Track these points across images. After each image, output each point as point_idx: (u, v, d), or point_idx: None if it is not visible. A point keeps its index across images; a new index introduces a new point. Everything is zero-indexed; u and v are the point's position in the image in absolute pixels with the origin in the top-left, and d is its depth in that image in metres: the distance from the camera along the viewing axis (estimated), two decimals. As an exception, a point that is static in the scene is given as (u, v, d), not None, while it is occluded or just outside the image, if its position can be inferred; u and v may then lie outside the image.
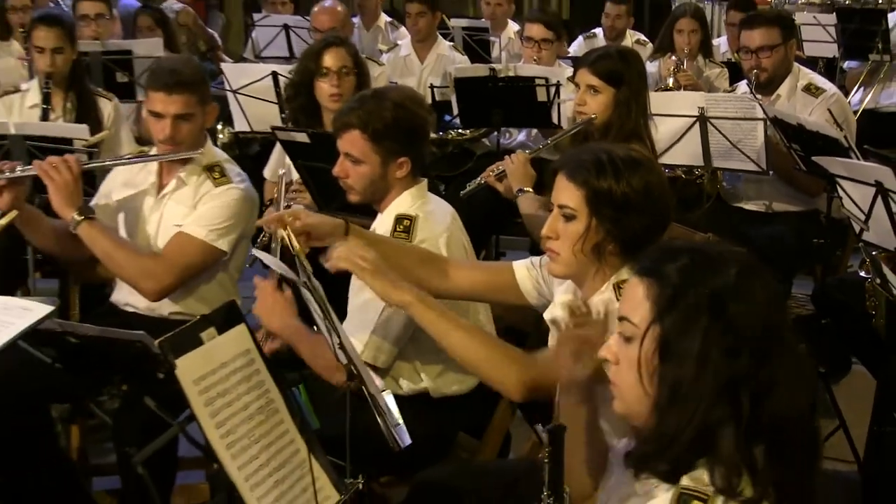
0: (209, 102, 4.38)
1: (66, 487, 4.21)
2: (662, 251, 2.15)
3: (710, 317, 1.99)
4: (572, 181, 3.03)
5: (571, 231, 3.03)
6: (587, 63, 4.86)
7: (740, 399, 1.96)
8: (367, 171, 3.69)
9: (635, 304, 2.09)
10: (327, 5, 7.86)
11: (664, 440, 2.01)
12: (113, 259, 4.20)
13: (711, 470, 1.96)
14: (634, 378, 2.09)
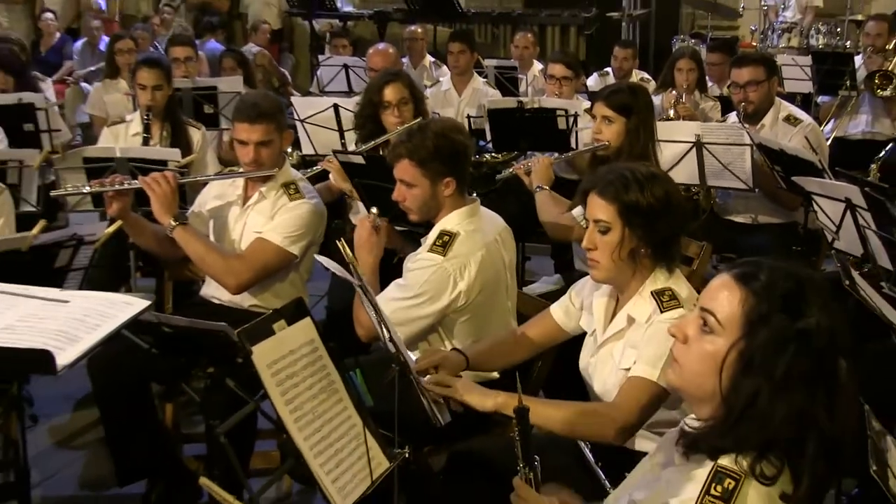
0: (285, 129, 4.40)
1: (162, 452, 4.22)
2: (755, 263, 2.07)
3: (797, 346, 1.93)
4: (603, 198, 3.02)
5: (608, 241, 3.02)
6: (602, 97, 4.87)
7: (814, 420, 1.92)
8: (419, 193, 3.67)
9: (725, 305, 2.02)
10: (381, 48, 7.86)
11: (735, 441, 1.96)
12: (202, 258, 4.22)
13: (758, 459, 1.93)
14: (703, 368, 2.04)
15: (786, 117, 5.75)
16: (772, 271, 2.01)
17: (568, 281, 4.82)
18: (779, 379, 1.92)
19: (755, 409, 1.94)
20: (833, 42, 10.84)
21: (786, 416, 1.91)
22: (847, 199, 4.33)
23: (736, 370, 1.97)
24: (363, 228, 3.78)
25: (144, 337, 3.38)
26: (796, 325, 1.93)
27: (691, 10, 12.86)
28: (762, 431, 1.93)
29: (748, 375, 1.95)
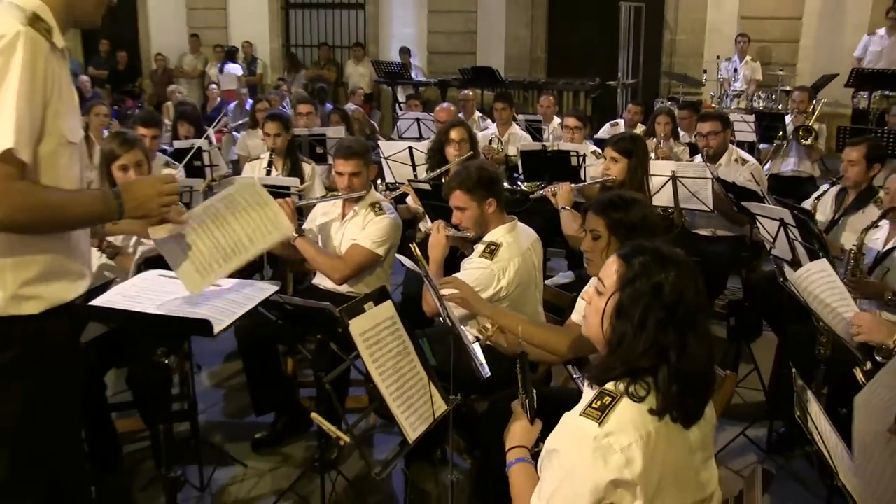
0: (371, 164, 4.40)
1: (285, 393, 4.28)
2: (636, 246, 2.12)
3: (651, 297, 1.98)
4: (597, 215, 3.10)
5: (599, 245, 3.09)
6: (611, 143, 4.96)
7: (666, 354, 1.96)
8: (470, 214, 3.68)
9: (609, 274, 2.10)
10: (444, 106, 7.92)
11: (608, 368, 2.02)
12: (314, 259, 4.26)
13: (627, 384, 1.98)
14: (595, 320, 2.11)
15: (736, 158, 5.70)
16: (643, 250, 2.08)
17: (578, 276, 4.85)
18: (637, 322, 1.98)
19: (622, 345, 2.00)
20: (770, 105, 10.77)
21: (643, 351, 1.96)
22: (781, 219, 4.32)
23: (612, 317, 2.04)
24: (436, 235, 3.77)
25: (273, 312, 3.41)
26: (651, 282, 1.99)
27: (668, 80, 12.77)
28: (627, 362, 1.98)
29: (619, 320, 2.02)
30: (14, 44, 2.01)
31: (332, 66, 14.65)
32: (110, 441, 3.82)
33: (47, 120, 2.11)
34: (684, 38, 12.99)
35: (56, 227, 2.21)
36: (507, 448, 2.32)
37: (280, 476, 3.95)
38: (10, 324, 2.17)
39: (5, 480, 2.29)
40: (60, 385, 2.31)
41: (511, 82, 12.62)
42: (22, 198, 2.05)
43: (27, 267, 2.19)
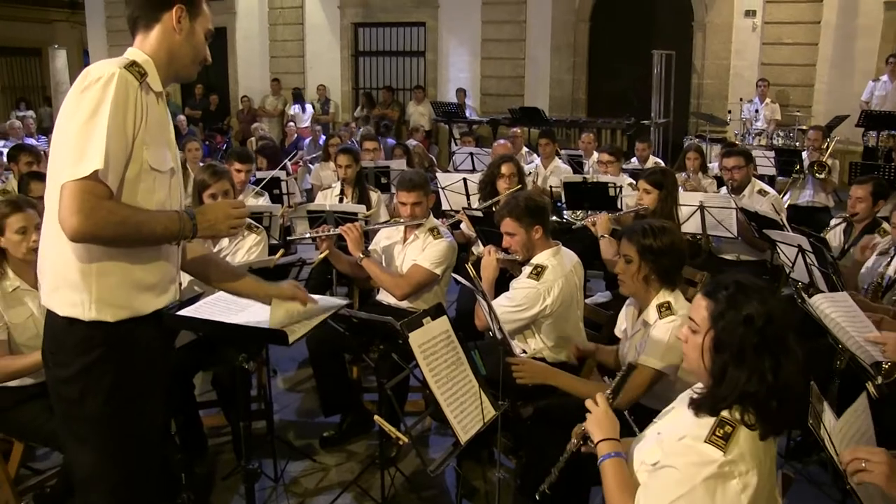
0: (430, 194, 4.38)
1: (350, 397, 4.27)
2: (716, 281, 2.07)
3: (744, 327, 1.93)
4: (629, 241, 3.06)
5: (631, 269, 3.05)
6: (644, 176, 4.92)
7: (764, 377, 1.91)
8: (519, 239, 3.65)
9: (699, 312, 2.05)
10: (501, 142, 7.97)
11: (720, 398, 1.97)
12: (378, 277, 4.24)
13: (741, 412, 1.94)
14: (695, 355, 2.05)
15: (759, 190, 5.59)
16: (724, 284, 2.03)
17: (615, 296, 4.78)
18: (736, 353, 1.94)
19: (726, 376, 1.95)
20: (788, 142, 10.58)
21: (747, 378, 1.92)
22: (799, 246, 4.25)
23: (711, 352, 2.00)
24: (488, 258, 3.74)
25: (341, 324, 3.41)
26: (741, 314, 1.94)
27: (696, 120, 12.62)
28: (734, 390, 1.93)
29: (718, 353, 1.98)
30: (109, 82, 2.08)
31: (395, 106, 14.75)
32: (198, 435, 3.86)
33: (134, 148, 2.16)
34: (710, 82, 12.86)
35: (138, 241, 2.23)
36: (597, 440, 2.24)
37: (345, 470, 3.93)
38: (94, 327, 2.20)
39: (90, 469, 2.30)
40: (142, 386, 2.32)
41: (555, 121, 12.59)
42: (108, 214, 2.08)
43: (111, 277, 2.20)
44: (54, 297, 2.23)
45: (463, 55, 14.59)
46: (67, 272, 2.19)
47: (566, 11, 13.54)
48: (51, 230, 2.21)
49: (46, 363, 2.32)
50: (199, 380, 4.11)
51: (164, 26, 2.29)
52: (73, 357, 2.21)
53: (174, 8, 2.28)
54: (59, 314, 2.21)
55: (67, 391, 2.25)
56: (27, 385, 3.21)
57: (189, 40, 2.33)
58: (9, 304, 3.20)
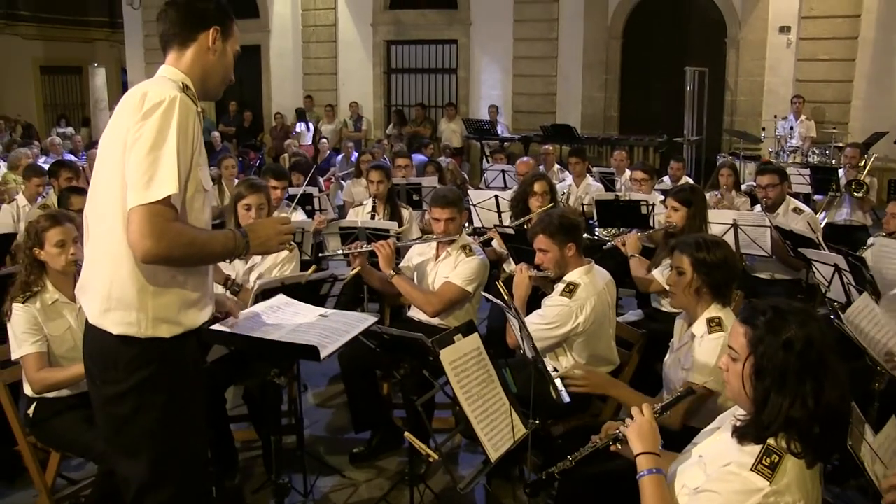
0: (463, 211, 4.39)
1: (381, 413, 4.26)
2: (752, 307, 2.05)
3: (784, 352, 1.91)
4: (683, 253, 3.08)
5: (683, 281, 3.06)
6: (672, 193, 4.86)
7: (806, 403, 1.89)
8: (552, 256, 3.65)
9: (737, 339, 2.02)
10: (523, 160, 7.95)
11: (764, 426, 1.94)
12: (410, 294, 4.25)
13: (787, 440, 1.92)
14: (737, 383, 2.02)
15: (794, 208, 5.53)
16: (761, 310, 2.00)
17: (647, 314, 4.74)
18: (778, 378, 1.91)
19: (768, 403, 1.92)
20: (824, 160, 10.45)
21: (790, 402, 1.89)
22: (835, 265, 4.20)
23: (752, 379, 1.96)
24: (520, 276, 3.74)
25: (372, 340, 3.42)
26: (780, 339, 1.92)
27: (729, 137, 12.52)
28: (778, 416, 1.90)
29: (759, 380, 1.95)
30: (172, 106, 2.14)
31: (427, 123, 14.81)
32: (229, 448, 3.88)
33: (191, 170, 2.22)
34: (744, 99, 12.76)
35: (200, 261, 2.31)
36: (636, 451, 2.21)
37: (374, 486, 3.93)
38: (149, 344, 2.25)
39: (145, 481, 2.34)
40: (190, 398, 2.37)
41: (587, 138, 12.56)
42: (177, 236, 2.14)
43: (166, 296, 2.26)
44: (106, 318, 2.26)
45: (495, 72, 14.63)
46: (122, 293, 2.23)
47: (598, 29, 13.54)
48: (98, 251, 2.26)
49: (93, 381, 2.36)
50: (230, 394, 4.14)
51: (199, 46, 2.34)
52: (127, 374, 2.25)
53: (210, 29, 2.34)
54: (112, 333, 2.24)
55: (120, 408, 2.28)
56: (65, 396, 3.26)
57: (221, 60, 2.40)
58: (49, 316, 3.27)
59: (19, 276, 3.34)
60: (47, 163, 10.16)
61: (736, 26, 12.57)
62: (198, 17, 2.34)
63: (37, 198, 6.72)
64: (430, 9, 14.93)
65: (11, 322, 3.25)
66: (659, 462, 2.18)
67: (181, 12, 2.34)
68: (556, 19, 13.83)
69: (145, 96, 2.15)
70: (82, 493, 3.58)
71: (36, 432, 3.32)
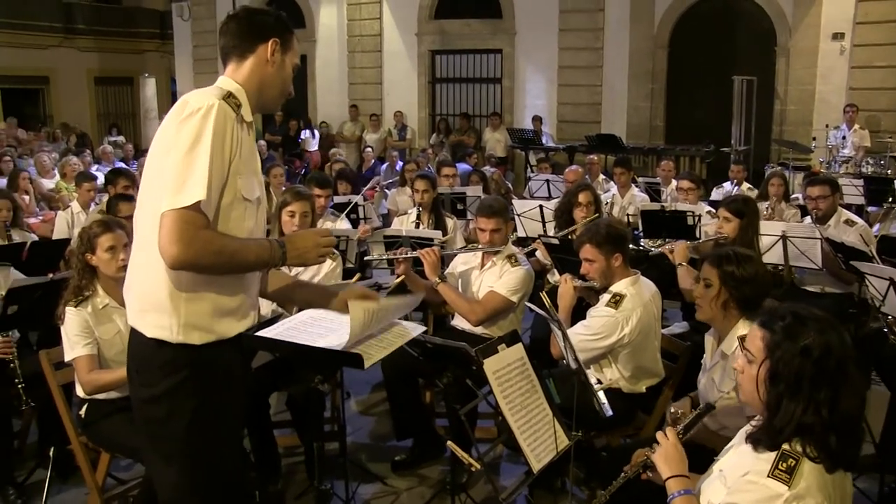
0: (509, 221, 4.38)
1: (423, 421, 4.28)
2: (772, 311, 2.02)
3: (801, 358, 1.88)
4: (711, 265, 3.03)
5: (710, 293, 3.01)
6: (725, 204, 4.81)
7: (820, 411, 1.86)
8: (598, 266, 3.63)
9: (754, 342, 2.00)
10: (572, 168, 7.92)
11: (777, 431, 1.92)
12: (454, 302, 4.24)
13: (802, 444, 1.88)
14: (751, 386, 2.00)
15: (846, 220, 5.39)
16: (781, 314, 1.98)
17: (693, 327, 4.68)
18: (792, 384, 1.89)
19: (781, 408, 1.91)
20: (878, 170, 10.18)
21: (802, 408, 1.87)
22: (890, 278, 4.07)
23: (766, 383, 1.95)
24: (565, 286, 3.73)
25: (416, 349, 3.44)
26: (798, 345, 1.90)
27: (777, 147, 12.31)
28: (790, 422, 1.89)
29: (774, 384, 1.93)
30: (209, 113, 2.15)
31: (471, 132, 14.84)
32: (272, 454, 3.92)
33: (229, 178, 2.23)
34: (794, 108, 12.55)
35: (232, 269, 2.30)
36: (665, 476, 2.19)
37: (415, 495, 3.94)
38: (181, 350, 2.26)
39: (176, 488, 2.35)
40: (223, 407, 2.36)
41: (632, 148, 12.46)
42: (206, 243, 2.14)
43: (200, 303, 2.26)
44: (142, 319, 2.29)
45: (539, 82, 14.61)
46: (157, 296, 2.25)
47: (644, 38, 13.45)
48: (141, 255, 2.29)
49: (132, 381, 2.39)
50: (274, 400, 4.18)
51: (258, 58, 2.36)
52: (159, 378, 2.27)
53: (270, 41, 2.36)
54: (146, 335, 2.28)
55: (153, 411, 2.31)
56: (114, 398, 3.33)
57: (280, 73, 2.41)
58: (99, 320, 3.35)
59: (72, 281, 3.42)
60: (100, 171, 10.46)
61: (786, 34, 12.38)
62: (257, 28, 2.36)
63: (90, 203, 6.90)
64: (474, 18, 14.97)
65: (65, 325, 3.34)
66: (688, 483, 2.16)
67: (241, 24, 2.38)
68: (601, 28, 13.78)
69: (186, 103, 2.18)
70: (130, 493, 3.65)
71: (87, 432, 3.41)
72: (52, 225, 6.94)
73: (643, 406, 3.66)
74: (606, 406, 2.90)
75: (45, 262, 4.94)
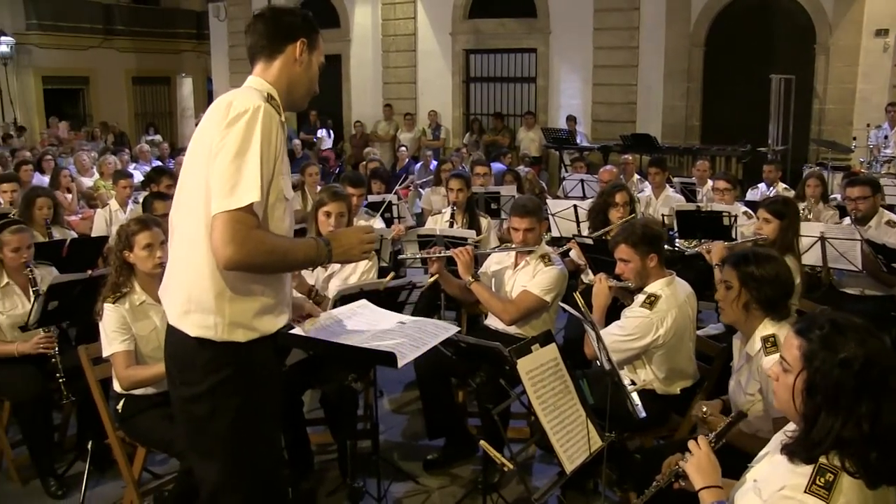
0: (543, 221, 4.37)
1: (455, 421, 4.28)
2: (810, 319, 1.95)
3: (840, 369, 1.81)
4: (731, 267, 2.99)
5: (730, 296, 2.96)
6: (764, 205, 4.71)
7: (861, 425, 1.79)
8: (633, 266, 3.60)
9: (790, 351, 1.93)
10: (607, 168, 7.89)
11: (814, 444, 1.85)
12: (488, 302, 4.24)
13: (841, 458, 1.82)
14: (787, 395, 1.93)
15: (887, 221, 5.29)
16: (819, 323, 1.91)
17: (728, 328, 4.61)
18: (831, 396, 1.82)
19: (819, 420, 1.84)
20: (924, 169, 9.98)
21: (842, 422, 1.80)
22: (933, 282, 4.01)
23: (803, 394, 1.88)
24: (600, 286, 3.71)
25: (449, 348, 3.43)
26: (837, 356, 1.82)
27: (816, 147, 12.12)
28: (828, 436, 1.82)
29: (811, 396, 1.86)
30: (256, 116, 2.18)
31: (505, 132, 14.81)
32: (305, 451, 3.95)
33: (273, 178, 2.26)
34: (833, 108, 12.32)
35: (281, 268, 2.36)
36: (697, 486, 2.15)
37: (447, 494, 3.95)
38: (225, 348, 2.29)
39: (219, 484, 2.38)
40: (263, 403, 2.40)
41: (667, 148, 12.34)
42: (259, 244, 2.18)
43: (243, 301, 2.30)
44: (186, 319, 2.31)
45: (574, 81, 14.54)
46: (202, 296, 2.28)
47: (680, 37, 13.32)
48: (182, 255, 2.32)
49: (172, 381, 2.42)
50: (307, 397, 4.21)
51: (286, 58, 2.39)
52: (202, 376, 2.30)
53: (297, 41, 2.39)
54: (190, 335, 2.30)
55: (196, 409, 2.33)
56: (150, 394, 3.38)
57: (307, 72, 2.44)
58: (136, 316, 3.40)
59: (110, 278, 3.48)
60: (137, 169, 10.61)
61: (826, 31, 12.16)
62: (285, 29, 2.39)
63: (127, 201, 7.00)
64: (509, 17, 14.94)
65: (103, 321, 3.39)
66: (721, 494, 2.12)
67: (269, 25, 2.40)
68: (636, 28, 13.67)
69: (230, 105, 2.20)
70: (165, 488, 3.70)
71: (124, 427, 3.46)
72: (91, 222, 7.06)
73: (677, 408, 3.62)
74: (640, 407, 2.87)
75: (85, 259, 5.02)
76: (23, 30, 19.52)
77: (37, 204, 5.58)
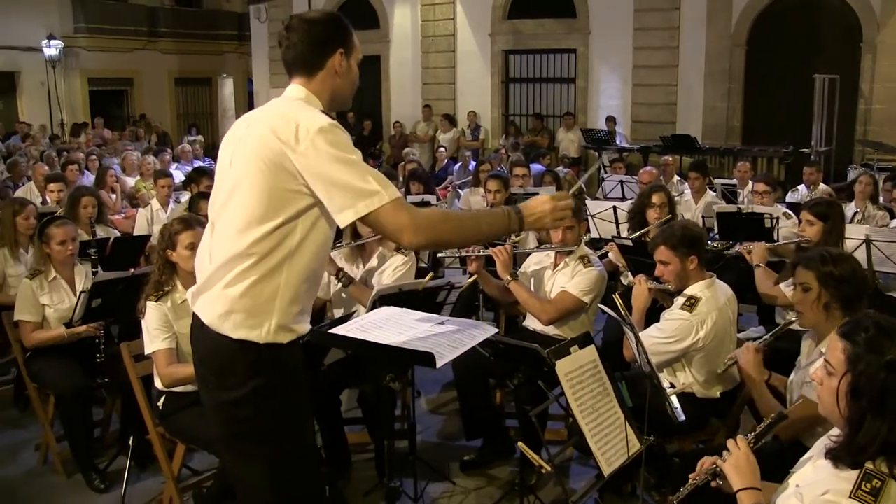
0: (582, 221, 4.35)
1: (493, 422, 4.26)
2: (854, 322, 1.91)
3: (886, 373, 1.78)
4: (807, 269, 2.96)
5: (809, 298, 2.93)
6: (807, 206, 4.67)
7: None
8: (673, 268, 3.56)
9: (835, 354, 1.89)
10: (647, 169, 7.83)
11: (859, 449, 1.81)
12: (526, 302, 4.22)
13: (888, 464, 1.78)
14: (831, 399, 1.89)
15: (935, 223, 5.19)
16: (864, 326, 1.87)
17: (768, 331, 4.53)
18: (877, 400, 1.78)
19: (864, 425, 1.80)
20: (973, 171, 9.69)
21: (889, 427, 1.76)
22: None
23: (848, 398, 1.84)
24: (639, 287, 3.69)
25: (487, 349, 3.42)
26: (884, 359, 1.79)
27: (861, 148, 11.89)
28: (874, 441, 1.78)
29: (856, 399, 1.82)
30: (332, 129, 2.16)
31: (545, 132, 14.76)
32: (342, 450, 3.96)
33: None
34: (880, 107, 12.08)
35: (469, 237, 2.39)
36: (736, 487, 2.11)
37: (484, 495, 3.93)
38: (267, 349, 2.27)
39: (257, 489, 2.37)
40: (301, 403, 2.40)
41: (708, 149, 12.22)
42: (428, 219, 2.20)
43: (292, 305, 2.29)
44: (227, 322, 2.27)
45: (614, 82, 14.44)
46: (254, 300, 2.24)
47: (721, 36, 13.15)
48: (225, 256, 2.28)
49: (207, 385, 2.39)
50: (345, 397, 4.22)
51: (327, 71, 2.36)
52: (245, 379, 2.26)
53: (336, 53, 2.35)
54: (231, 337, 2.26)
55: (238, 413, 2.30)
56: (191, 391, 3.39)
57: (348, 77, 2.41)
58: (178, 315, 3.43)
59: (153, 276, 3.52)
60: (179, 169, 10.75)
61: (874, 29, 11.92)
62: (321, 45, 2.34)
63: (167, 200, 7.09)
64: (548, 18, 14.88)
65: (145, 318, 3.44)
66: (760, 497, 2.07)
67: (304, 41, 2.34)
68: (676, 27, 13.53)
69: (297, 125, 2.15)
70: (204, 485, 3.74)
71: (164, 424, 3.50)
72: (133, 221, 7.16)
73: (717, 412, 3.57)
74: (679, 411, 2.84)
75: (127, 258, 5.10)
76: (71, 33, 19.95)
77: (81, 203, 5.69)
